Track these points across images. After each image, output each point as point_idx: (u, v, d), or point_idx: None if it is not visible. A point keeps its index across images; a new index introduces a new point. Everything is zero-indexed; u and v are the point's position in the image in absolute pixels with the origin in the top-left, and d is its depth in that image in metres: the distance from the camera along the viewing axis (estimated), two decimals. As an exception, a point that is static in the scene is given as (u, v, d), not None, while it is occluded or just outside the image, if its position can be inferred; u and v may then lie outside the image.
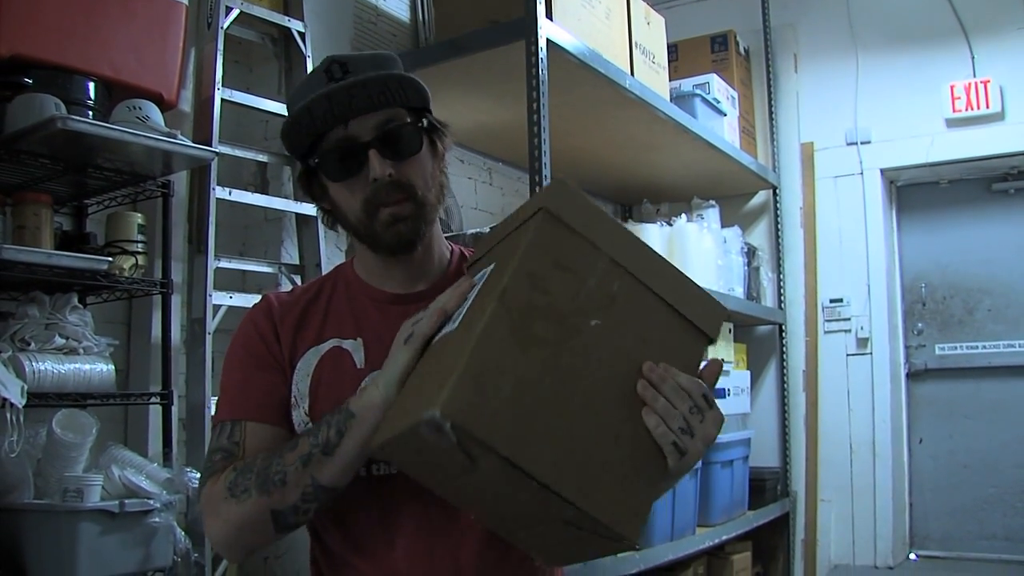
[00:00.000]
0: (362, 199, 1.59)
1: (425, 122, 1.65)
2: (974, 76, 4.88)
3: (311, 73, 1.63)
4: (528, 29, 3.09)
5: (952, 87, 4.89)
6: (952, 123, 4.91)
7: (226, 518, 1.51)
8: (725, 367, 4.47)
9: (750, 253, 4.95)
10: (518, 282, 1.29)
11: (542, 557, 1.51)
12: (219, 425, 1.63)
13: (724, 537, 4.26)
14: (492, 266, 1.41)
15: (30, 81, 2.61)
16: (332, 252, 3.60)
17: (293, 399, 1.63)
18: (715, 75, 4.70)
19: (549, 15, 3.17)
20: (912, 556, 5.05)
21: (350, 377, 1.62)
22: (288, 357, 1.66)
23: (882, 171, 5.13)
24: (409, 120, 1.61)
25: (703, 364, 1.42)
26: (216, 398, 1.77)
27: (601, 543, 1.30)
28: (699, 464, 3.92)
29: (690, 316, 1.42)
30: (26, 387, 2.50)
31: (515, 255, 1.32)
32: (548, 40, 3.11)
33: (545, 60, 3.08)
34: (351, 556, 1.62)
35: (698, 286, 1.47)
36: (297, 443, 1.49)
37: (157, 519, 2.60)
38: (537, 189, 3.04)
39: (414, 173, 1.60)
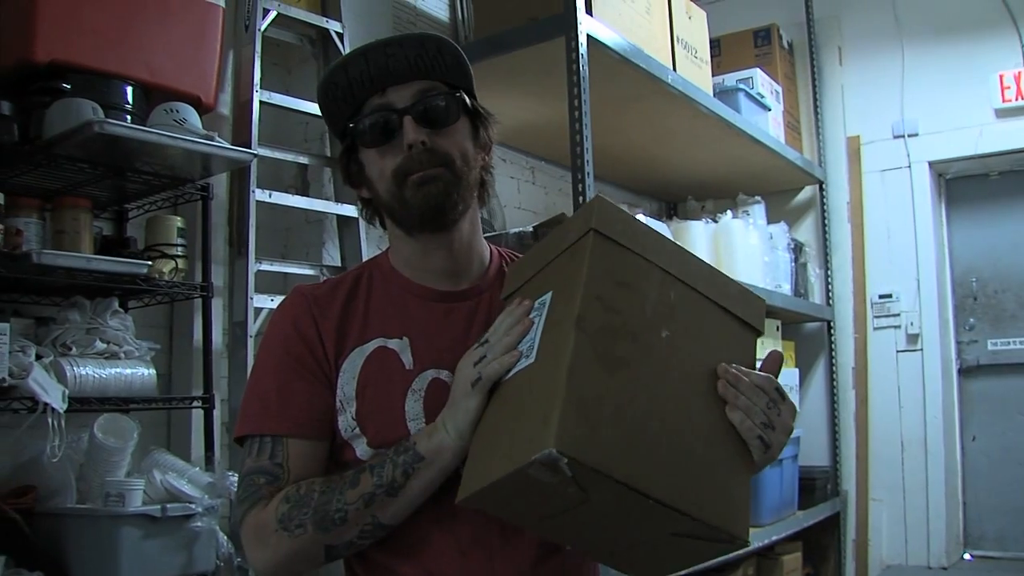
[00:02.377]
0: (393, 167, 1.57)
1: (466, 99, 1.64)
2: (1023, 65, 4.78)
3: (353, 51, 1.62)
4: (568, 25, 3.06)
5: (1001, 76, 4.80)
6: (1001, 113, 4.83)
7: (276, 549, 1.47)
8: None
9: (797, 249, 4.90)
10: (590, 306, 1.30)
11: (642, 573, 1.50)
12: (256, 440, 1.56)
13: (774, 537, 4.20)
14: (550, 293, 1.39)
15: (68, 86, 2.61)
16: (374, 253, 3.57)
17: (339, 403, 1.57)
18: (759, 69, 4.64)
19: (589, 10, 3.14)
20: (967, 556, 4.97)
21: (399, 378, 1.57)
22: (333, 358, 1.59)
23: (930, 164, 5.05)
24: (447, 92, 1.60)
25: (760, 358, 1.49)
26: (234, 438, 1.66)
27: (710, 548, 1.34)
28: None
29: (738, 313, 1.48)
30: (68, 392, 2.50)
31: (578, 279, 1.32)
32: (588, 36, 3.08)
33: (585, 56, 3.05)
34: (397, 563, 1.55)
35: (736, 282, 1.53)
36: (358, 479, 1.45)
37: (199, 523, 2.59)
38: (579, 187, 3.01)
39: (450, 144, 1.59)
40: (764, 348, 4.37)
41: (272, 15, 3.35)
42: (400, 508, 1.45)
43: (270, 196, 3.27)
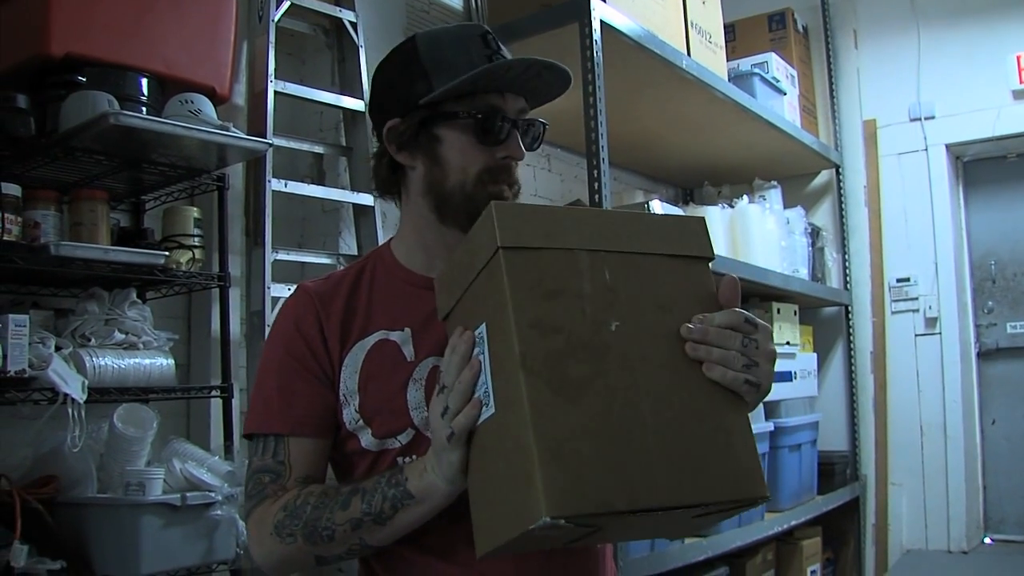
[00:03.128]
0: (483, 166, 1.59)
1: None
2: (1041, 46, 4.76)
3: (464, 26, 1.66)
4: (581, 11, 3.06)
5: (1018, 58, 4.78)
6: (1019, 95, 4.81)
7: (270, 551, 1.53)
8: (791, 350, 4.43)
9: (814, 234, 4.89)
10: (526, 340, 1.24)
11: (670, 536, 1.52)
12: (260, 439, 1.60)
13: (793, 522, 4.20)
14: (484, 325, 1.32)
15: (83, 79, 2.62)
16: (390, 242, 3.58)
17: (342, 397, 1.59)
18: (773, 54, 4.63)
19: (602, -4, 3.13)
20: (987, 540, 4.96)
21: (401, 369, 1.58)
22: (336, 355, 1.61)
23: (947, 146, 5.04)
24: (542, 123, 1.68)
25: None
26: (243, 435, 1.71)
27: (734, 511, 1.32)
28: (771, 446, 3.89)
29: (681, 252, 1.40)
30: (87, 383, 2.51)
31: (506, 309, 1.26)
32: (602, 22, 3.08)
33: (599, 42, 3.05)
34: (410, 552, 1.55)
35: (668, 216, 1.47)
36: (349, 502, 1.46)
37: (219, 512, 2.60)
38: (595, 173, 3.02)
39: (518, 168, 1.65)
40: (783, 335, 4.35)
41: (286, 5, 3.34)
42: (388, 535, 1.46)
43: (286, 186, 3.28)
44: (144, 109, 2.68)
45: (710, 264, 1.43)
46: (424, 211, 1.65)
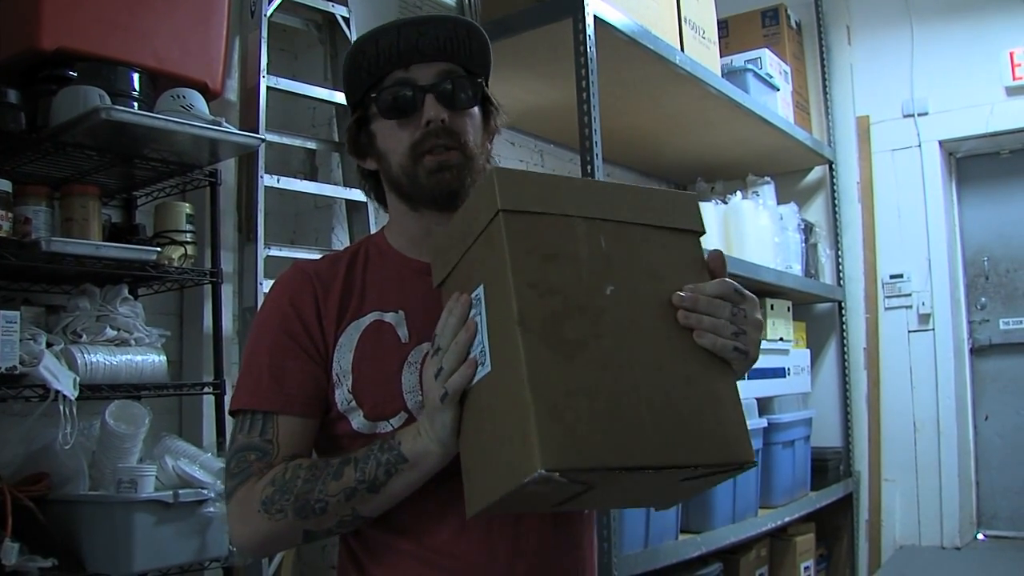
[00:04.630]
0: (410, 143, 1.59)
1: (484, 87, 1.67)
2: (1035, 42, 4.75)
3: (387, 24, 1.64)
4: (575, 6, 3.05)
5: (1012, 54, 4.77)
6: (1012, 91, 4.80)
7: (256, 529, 1.49)
8: (784, 346, 4.42)
9: (807, 230, 4.89)
10: (525, 299, 1.25)
11: (656, 506, 1.52)
12: (248, 415, 1.57)
13: (787, 519, 4.20)
14: (482, 287, 1.34)
15: (74, 74, 2.61)
16: (382, 238, 3.57)
17: (335, 376, 1.57)
18: (767, 50, 4.63)
19: (595, -9, 3.12)
20: (980, 536, 4.96)
21: (395, 352, 1.58)
22: (331, 334, 1.60)
23: (940, 143, 5.03)
24: (468, 76, 1.64)
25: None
26: (229, 411, 1.66)
27: (722, 476, 1.33)
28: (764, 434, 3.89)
29: (673, 224, 1.42)
30: (79, 379, 2.51)
31: (504, 271, 1.28)
32: (595, 17, 3.07)
33: (593, 38, 3.04)
34: (392, 538, 1.56)
35: (660, 190, 1.47)
36: (342, 472, 1.45)
37: (212, 509, 2.59)
38: (588, 169, 3.00)
39: (465, 125, 1.62)
40: (776, 331, 4.36)
41: (278, 0, 3.34)
42: (380, 504, 1.46)
43: (278, 182, 3.27)
44: (136, 104, 2.67)
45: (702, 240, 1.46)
46: (397, 203, 1.68)
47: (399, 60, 1.60)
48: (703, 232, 1.46)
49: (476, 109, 1.65)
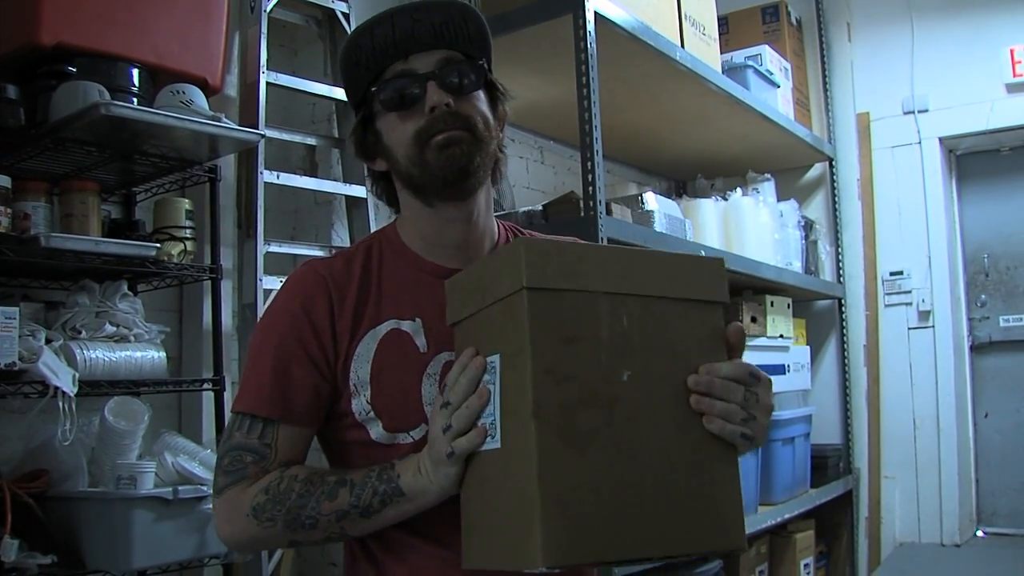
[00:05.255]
0: (415, 130, 1.55)
1: (487, 71, 1.63)
2: (1035, 39, 4.75)
3: (377, 16, 1.60)
4: (575, 2, 3.04)
5: (1012, 51, 4.76)
6: (1012, 88, 4.79)
7: (242, 531, 1.50)
8: (784, 343, 4.41)
9: (807, 227, 4.88)
10: (542, 387, 1.24)
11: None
12: (247, 418, 1.55)
13: (786, 516, 4.19)
14: (498, 357, 1.33)
15: (74, 69, 2.60)
16: (382, 234, 3.57)
17: (352, 387, 1.55)
18: (767, 46, 4.62)
19: (596, -13, 3.11)
20: (979, 533, 4.96)
21: (414, 362, 1.56)
22: (345, 343, 1.57)
23: (941, 140, 5.02)
24: (470, 61, 1.60)
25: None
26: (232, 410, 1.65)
27: (713, 556, 1.37)
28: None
29: (697, 296, 1.40)
30: (78, 376, 2.50)
31: (523, 352, 1.26)
32: (596, 13, 3.06)
33: (593, 34, 3.03)
34: (418, 541, 1.55)
35: (688, 256, 1.44)
36: (336, 493, 1.45)
37: (211, 506, 2.59)
38: (588, 165, 2.99)
39: (472, 108, 1.57)
40: (776, 327, 4.34)
41: (278, -4, 3.34)
42: (370, 527, 1.47)
43: (278, 177, 3.27)
44: (135, 100, 2.67)
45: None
46: (410, 200, 1.64)
47: (396, 51, 1.56)
48: (726, 303, 1.44)
49: (481, 94, 1.61)
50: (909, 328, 5.03)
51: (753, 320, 4.17)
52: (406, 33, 1.56)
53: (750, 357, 1.42)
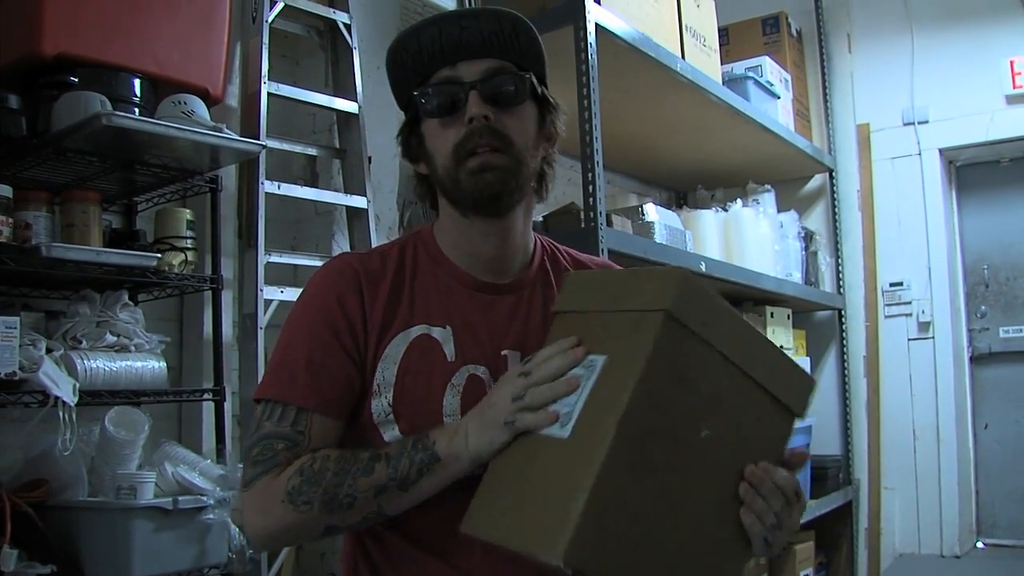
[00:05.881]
0: (454, 143, 1.54)
1: (535, 84, 1.61)
2: (1035, 51, 4.75)
3: (425, 20, 1.59)
4: (576, 14, 3.04)
5: (1012, 62, 4.76)
6: (1012, 100, 4.79)
7: (277, 521, 1.46)
8: (785, 352, 4.40)
9: (807, 237, 4.88)
10: (639, 404, 1.27)
11: None
12: (279, 406, 1.52)
13: (786, 526, 4.18)
14: (604, 360, 1.35)
15: (75, 80, 2.61)
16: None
17: (376, 386, 1.54)
18: (767, 57, 4.62)
19: (597, -1, 3.12)
20: (979, 544, 4.95)
21: (440, 370, 1.55)
22: (375, 339, 1.56)
23: (941, 151, 5.03)
24: (517, 73, 1.58)
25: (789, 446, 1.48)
26: (253, 398, 1.61)
27: None
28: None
29: (783, 399, 1.45)
30: (78, 385, 2.50)
31: (636, 367, 1.28)
32: (597, 24, 3.07)
33: (594, 45, 3.04)
34: (420, 553, 1.54)
35: (792, 363, 1.49)
36: (372, 468, 1.43)
37: (211, 516, 2.59)
38: (589, 176, 3.00)
39: (513, 125, 1.56)
40: (776, 338, 4.34)
41: (279, 6, 3.34)
42: (407, 502, 1.45)
43: (279, 188, 3.27)
44: (136, 110, 2.67)
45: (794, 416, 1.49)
46: (447, 208, 1.64)
47: (443, 57, 1.55)
48: (802, 417, 1.49)
49: (528, 108, 1.60)
50: (909, 339, 5.03)
51: (753, 331, 4.16)
52: (453, 40, 1.55)
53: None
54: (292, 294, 3.21)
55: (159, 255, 2.78)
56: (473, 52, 1.55)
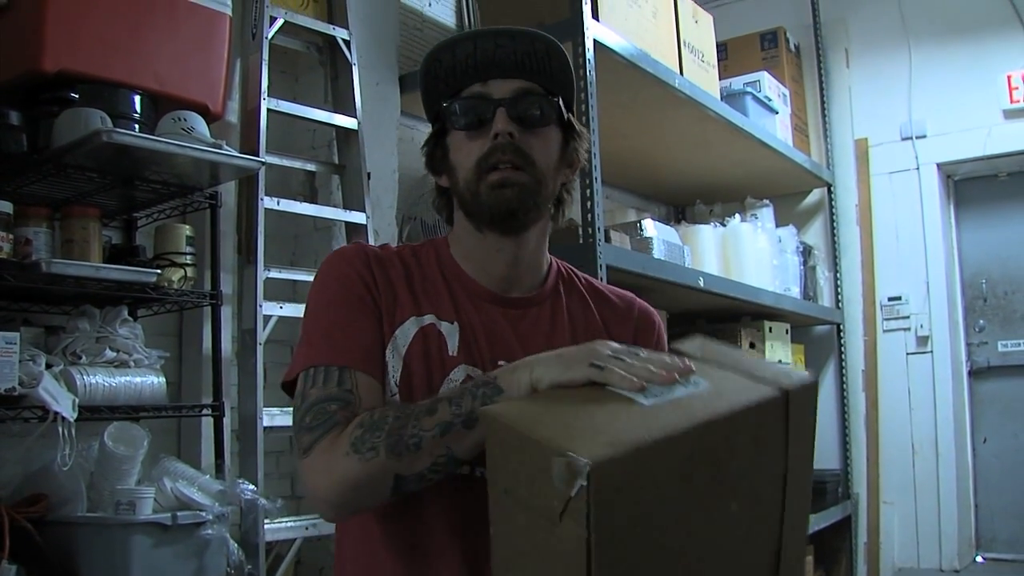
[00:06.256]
0: (477, 157, 1.56)
1: (562, 108, 1.62)
2: (1032, 65, 4.77)
3: (462, 34, 1.64)
4: (575, 30, 3.06)
5: (1009, 77, 4.80)
6: (1010, 114, 4.82)
7: (344, 475, 1.40)
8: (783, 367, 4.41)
9: (806, 252, 4.90)
10: (715, 428, 1.23)
11: None
12: (321, 371, 1.50)
13: (785, 541, 4.18)
14: (705, 383, 1.31)
15: (76, 96, 2.61)
16: (382, 260, 3.57)
17: (386, 361, 1.55)
18: (766, 73, 4.65)
19: (596, 15, 3.14)
20: (979, 559, 4.95)
21: (438, 363, 1.56)
22: (386, 312, 1.57)
23: (938, 165, 5.05)
24: (546, 96, 1.60)
25: None
26: (283, 383, 1.60)
27: None
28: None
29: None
30: (78, 401, 2.50)
31: (725, 404, 1.26)
32: (595, 41, 3.09)
33: (593, 61, 3.05)
34: (428, 543, 1.54)
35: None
36: (436, 408, 1.37)
37: (210, 531, 2.58)
38: (587, 192, 3.01)
39: (537, 146, 1.57)
40: (775, 353, 4.34)
41: (279, 23, 3.34)
42: (473, 442, 1.36)
43: (278, 204, 3.27)
44: (137, 126, 2.68)
45: None
46: (463, 221, 1.65)
47: (476, 73, 1.58)
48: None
49: (553, 132, 1.61)
50: (907, 353, 5.05)
51: (752, 346, 4.18)
52: (487, 57, 1.57)
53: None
54: (291, 310, 3.22)
55: (159, 271, 2.78)
56: (505, 71, 1.57)
